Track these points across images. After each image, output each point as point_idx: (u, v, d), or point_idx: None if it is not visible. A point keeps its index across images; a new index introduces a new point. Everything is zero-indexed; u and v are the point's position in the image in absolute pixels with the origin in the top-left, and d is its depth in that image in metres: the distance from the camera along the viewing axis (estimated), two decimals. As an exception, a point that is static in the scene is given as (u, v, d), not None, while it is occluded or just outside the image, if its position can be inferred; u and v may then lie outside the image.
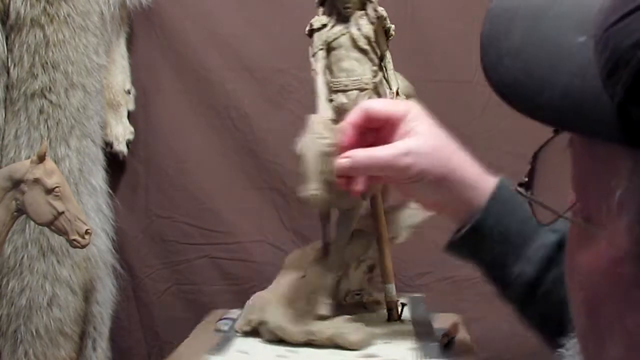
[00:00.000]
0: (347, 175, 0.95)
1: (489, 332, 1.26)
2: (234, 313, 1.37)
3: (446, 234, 0.95)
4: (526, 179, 0.49)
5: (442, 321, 1.24)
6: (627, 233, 0.41)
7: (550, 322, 0.82)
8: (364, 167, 0.93)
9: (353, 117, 0.96)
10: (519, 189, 0.50)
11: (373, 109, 0.96)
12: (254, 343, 1.16)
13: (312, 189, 1.00)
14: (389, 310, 1.23)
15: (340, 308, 1.23)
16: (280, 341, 1.14)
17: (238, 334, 1.21)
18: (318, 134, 1.03)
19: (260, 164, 1.77)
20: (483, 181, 0.91)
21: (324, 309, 1.13)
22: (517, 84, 0.44)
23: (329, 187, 1.04)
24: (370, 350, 1.10)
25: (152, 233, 1.77)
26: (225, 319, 1.32)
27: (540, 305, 0.87)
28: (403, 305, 1.27)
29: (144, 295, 1.77)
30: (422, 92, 1.86)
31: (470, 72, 1.85)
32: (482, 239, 0.89)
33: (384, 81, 1.20)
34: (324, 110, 1.15)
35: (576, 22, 0.42)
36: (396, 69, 1.22)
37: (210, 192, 1.77)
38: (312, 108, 1.33)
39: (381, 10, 1.18)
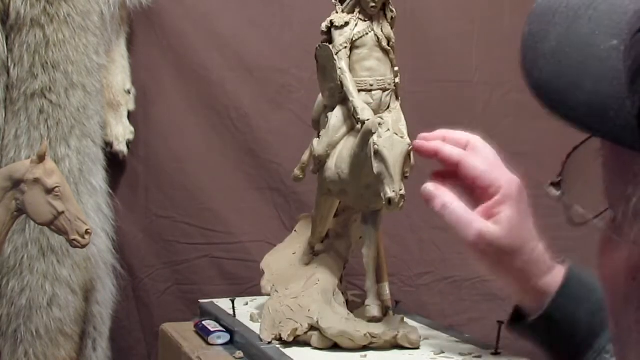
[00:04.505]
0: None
1: (490, 332, 1.26)
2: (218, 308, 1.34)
3: (446, 234, 0.94)
4: (558, 179, 0.48)
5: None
6: None
7: None
8: (438, 205, 0.88)
9: (448, 152, 0.87)
10: (549, 188, 0.49)
11: (468, 164, 0.85)
12: (306, 353, 1.11)
13: (399, 189, 0.98)
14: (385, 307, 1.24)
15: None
16: (332, 347, 1.10)
17: (275, 344, 1.15)
18: (400, 133, 1.01)
19: (260, 164, 1.77)
20: (551, 269, 0.88)
21: (376, 311, 1.12)
22: (549, 85, 0.44)
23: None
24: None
25: (152, 233, 1.77)
26: (216, 331, 1.24)
27: None
28: (397, 302, 1.31)
29: (144, 295, 1.77)
30: (423, 92, 1.87)
31: (470, 72, 1.85)
32: (549, 329, 0.85)
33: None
34: (366, 110, 1.11)
35: (610, 25, 0.42)
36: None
37: (210, 192, 1.77)
38: (312, 108, 1.33)
39: (395, 12, 1.18)
